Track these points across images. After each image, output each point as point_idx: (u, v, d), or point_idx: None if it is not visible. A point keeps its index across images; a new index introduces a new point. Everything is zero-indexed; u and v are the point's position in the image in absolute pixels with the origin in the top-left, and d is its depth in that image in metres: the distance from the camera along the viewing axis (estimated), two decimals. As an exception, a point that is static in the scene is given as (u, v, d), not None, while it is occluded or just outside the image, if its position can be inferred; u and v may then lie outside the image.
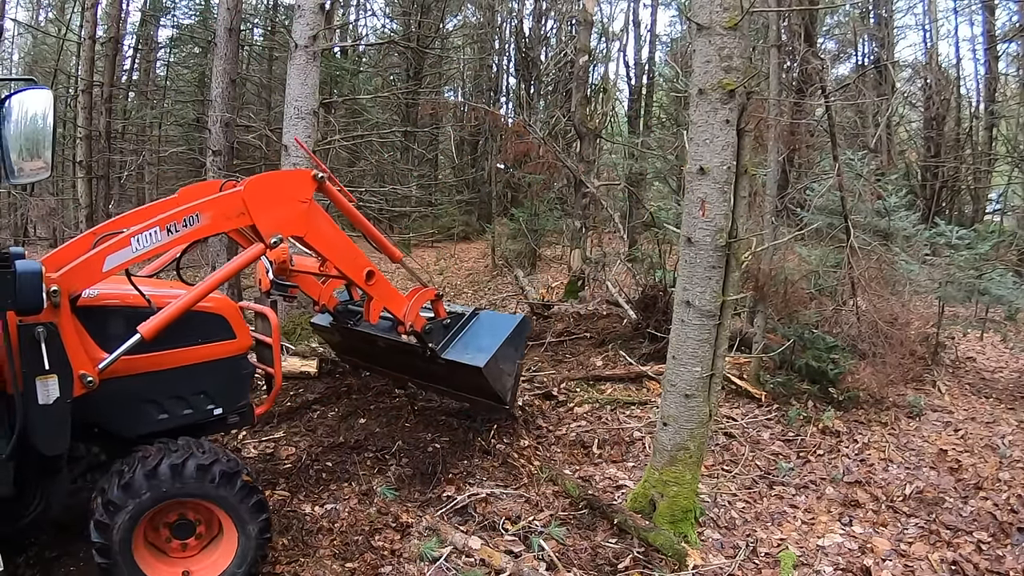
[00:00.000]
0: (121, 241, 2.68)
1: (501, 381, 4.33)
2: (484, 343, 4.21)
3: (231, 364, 3.35)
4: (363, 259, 3.68)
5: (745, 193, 3.53)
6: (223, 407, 3.31)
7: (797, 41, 7.82)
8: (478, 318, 4.44)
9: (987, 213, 16.43)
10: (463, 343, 4.28)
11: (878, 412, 5.68)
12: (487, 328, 4.35)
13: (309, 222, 3.36)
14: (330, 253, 3.56)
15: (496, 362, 4.16)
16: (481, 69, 23.01)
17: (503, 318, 4.53)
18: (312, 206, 3.38)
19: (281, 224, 3.21)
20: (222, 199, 3.04)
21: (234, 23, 9.85)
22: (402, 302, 3.95)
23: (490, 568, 3.29)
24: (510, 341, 4.29)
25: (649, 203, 12.94)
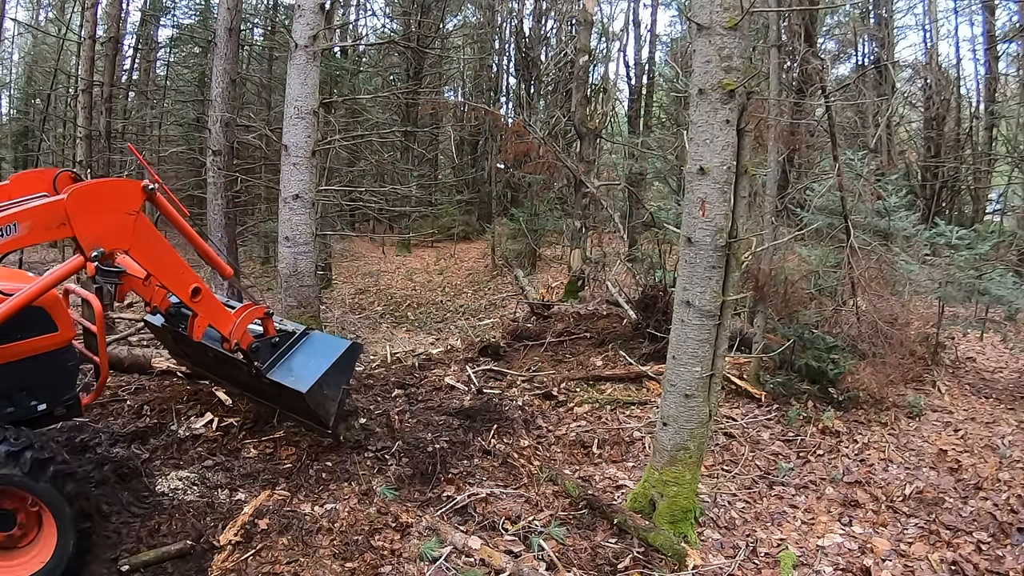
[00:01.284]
0: None
1: (324, 407, 4.14)
2: (311, 365, 4.04)
3: (54, 357, 3.25)
4: (189, 275, 3.54)
5: (745, 193, 3.53)
6: (47, 402, 3.23)
7: (797, 41, 7.81)
8: (309, 338, 4.23)
9: (987, 213, 16.43)
10: (289, 365, 4.09)
11: (878, 412, 5.68)
12: (316, 350, 4.16)
13: (135, 235, 3.18)
14: (155, 268, 3.40)
15: (320, 387, 3.99)
16: (481, 69, 23.02)
17: (333, 341, 4.31)
18: (140, 219, 3.20)
19: (104, 236, 3.05)
20: (42, 208, 2.85)
21: (234, 23, 9.85)
22: (229, 319, 3.79)
23: (490, 568, 3.28)
24: (337, 366, 4.08)
25: (649, 203, 12.95)
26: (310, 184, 8.26)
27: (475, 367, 6.85)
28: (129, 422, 4.80)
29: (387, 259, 19.35)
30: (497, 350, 7.59)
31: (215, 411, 5.09)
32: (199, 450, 4.43)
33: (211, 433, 4.73)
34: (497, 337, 8.48)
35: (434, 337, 9.84)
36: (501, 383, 6.50)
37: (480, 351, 7.63)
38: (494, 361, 7.26)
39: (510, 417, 5.31)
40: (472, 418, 5.19)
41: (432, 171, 23.16)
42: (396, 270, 18.12)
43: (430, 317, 11.59)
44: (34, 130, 19.40)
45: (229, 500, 3.80)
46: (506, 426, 5.11)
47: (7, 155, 19.99)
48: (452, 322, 11.18)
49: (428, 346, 8.58)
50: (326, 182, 13.18)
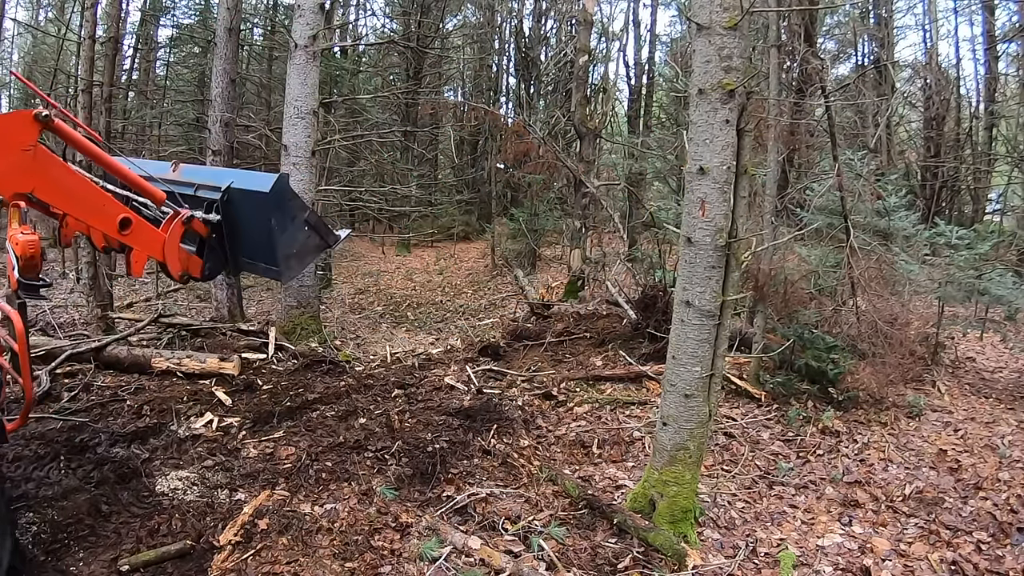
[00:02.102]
0: None
1: (306, 255, 3.78)
2: (263, 238, 3.55)
3: None
4: (113, 205, 3.08)
5: (745, 193, 3.53)
6: None
7: (797, 41, 7.82)
8: (233, 204, 3.57)
9: (987, 213, 16.43)
10: (247, 252, 3.66)
11: (878, 412, 5.68)
12: (251, 219, 3.57)
13: (37, 172, 2.73)
14: (70, 206, 2.93)
15: (290, 251, 3.59)
16: (481, 69, 23.02)
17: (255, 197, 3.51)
18: (39, 152, 2.74)
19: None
20: None
21: (234, 23, 9.84)
22: (160, 243, 3.30)
23: (490, 568, 3.29)
24: (282, 220, 3.52)
25: (649, 203, 12.96)
26: (310, 184, 8.27)
27: (475, 367, 6.85)
28: (129, 422, 4.81)
29: (387, 259, 19.36)
30: (497, 350, 7.59)
31: (215, 411, 5.10)
32: (199, 450, 4.43)
33: (211, 433, 4.73)
34: (497, 337, 8.48)
35: (434, 337, 9.84)
36: (501, 383, 6.50)
37: (480, 351, 7.63)
38: (494, 361, 7.26)
39: (510, 417, 5.31)
40: (472, 418, 5.19)
41: (432, 171, 23.16)
42: (396, 270, 18.12)
43: (430, 317, 11.59)
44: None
45: (229, 500, 3.81)
46: (506, 426, 5.11)
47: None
48: (452, 322, 11.18)
49: (428, 346, 8.58)
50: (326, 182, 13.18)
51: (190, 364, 6.00)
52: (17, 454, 4.11)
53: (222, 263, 3.67)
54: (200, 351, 6.55)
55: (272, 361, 6.72)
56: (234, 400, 5.49)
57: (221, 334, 7.47)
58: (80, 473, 3.94)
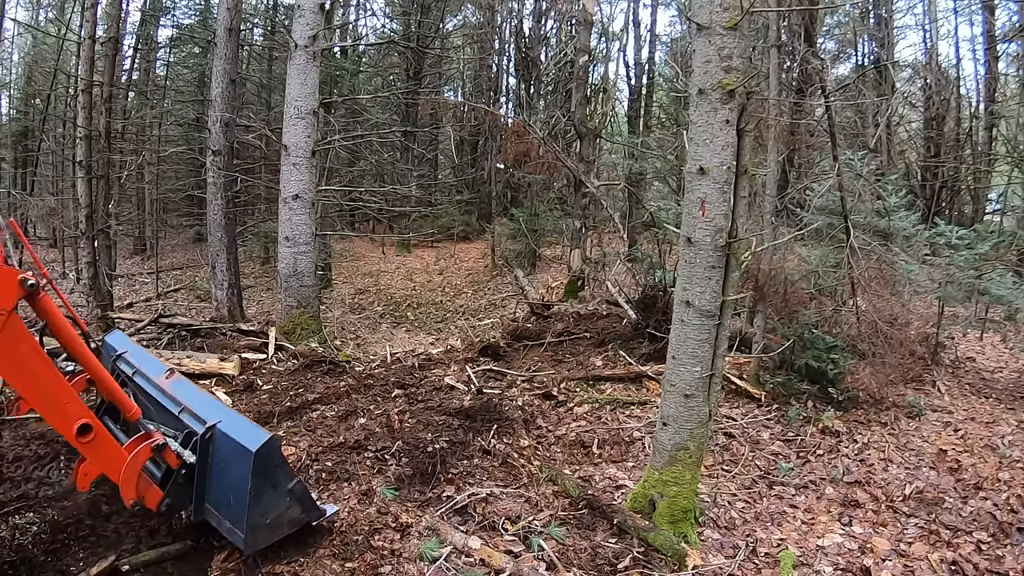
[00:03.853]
0: None
1: (279, 527, 3.24)
2: (235, 497, 3.09)
3: None
4: (76, 407, 2.65)
5: (745, 193, 3.53)
6: None
7: (797, 41, 7.81)
8: (213, 446, 3.15)
9: (987, 213, 16.43)
10: (214, 501, 3.19)
11: (878, 412, 5.68)
12: (227, 472, 3.12)
13: (2, 343, 2.37)
14: (28, 393, 2.54)
15: (261, 521, 3.11)
16: (481, 69, 23.01)
17: (238, 451, 3.03)
18: (11, 320, 2.35)
19: None
20: None
21: (234, 23, 9.85)
22: (120, 464, 2.87)
23: (490, 568, 3.29)
24: (260, 485, 3.03)
25: (649, 203, 12.95)
26: (310, 184, 8.27)
27: (475, 367, 6.85)
28: (129, 422, 4.80)
29: (387, 259, 19.36)
30: (497, 350, 7.59)
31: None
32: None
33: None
34: (497, 337, 8.48)
35: (434, 337, 9.85)
36: (501, 383, 6.50)
37: (480, 351, 7.63)
38: (494, 361, 7.26)
39: (510, 417, 5.31)
40: (472, 418, 5.19)
41: (432, 171, 23.17)
42: (396, 270, 18.12)
43: (430, 317, 11.60)
44: (34, 130, 19.40)
45: (229, 500, 3.80)
46: (506, 426, 5.11)
47: (7, 155, 19.99)
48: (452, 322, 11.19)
49: (428, 346, 8.59)
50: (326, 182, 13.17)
51: (190, 364, 6.00)
52: (17, 454, 4.11)
53: (184, 503, 3.19)
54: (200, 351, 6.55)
55: (272, 361, 6.72)
56: (234, 400, 5.49)
57: (221, 334, 7.48)
58: (80, 473, 3.93)
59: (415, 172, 19.55)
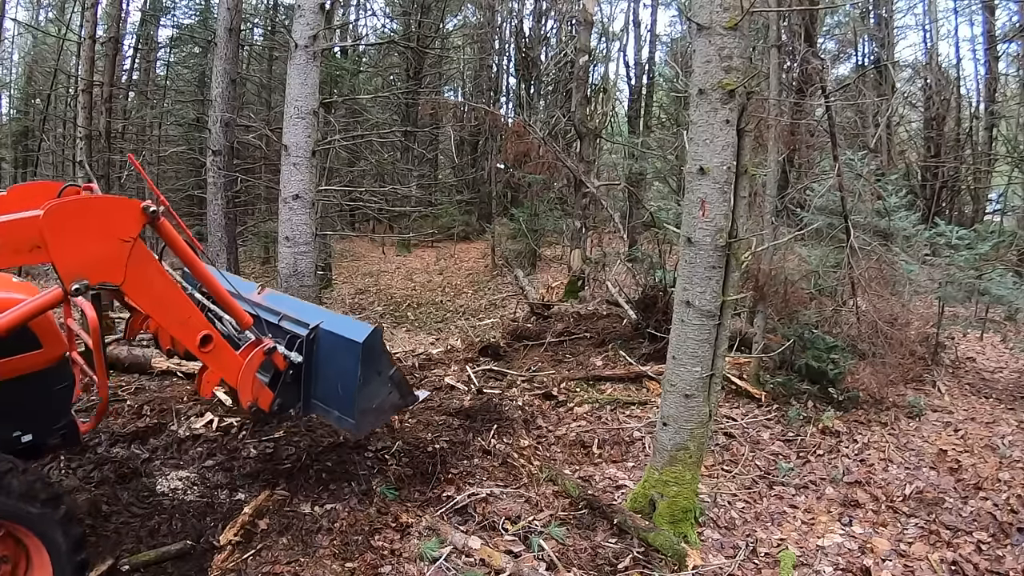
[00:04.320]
0: None
1: (383, 412, 3.73)
2: (343, 386, 3.43)
3: (38, 379, 2.82)
4: (197, 320, 2.92)
5: (745, 193, 3.53)
6: (33, 432, 2.79)
7: (797, 41, 7.81)
8: (318, 345, 3.50)
9: (987, 213, 16.43)
10: (321, 395, 3.53)
11: (878, 412, 5.68)
12: (334, 365, 3.48)
13: (131, 267, 2.55)
14: (155, 310, 2.78)
15: (369, 406, 3.48)
16: (481, 69, 23.02)
17: (345, 344, 3.41)
18: (137, 247, 2.58)
19: (89, 267, 2.44)
20: (12, 225, 2.31)
21: (234, 23, 9.85)
22: (237, 369, 3.15)
23: (490, 568, 3.29)
24: (367, 373, 3.41)
25: (649, 203, 12.95)
26: (310, 184, 8.27)
27: (475, 367, 6.85)
28: (129, 422, 4.80)
29: (387, 259, 19.36)
30: (497, 350, 7.58)
31: (215, 411, 5.09)
32: (199, 450, 4.43)
33: (211, 433, 4.73)
34: (497, 337, 8.48)
35: (434, 337, 9.85)
36: (501, 383, 6.50)
37: (480, 351, 7.63)
38: (494, 361, 7.26)
39: (510, 417, 5.31)
40: (472, 418, 5.19)
41: (432, 171, 23.17)
42: (396, 270, 18.12)
43: (430, 317, 11.60)
44: (34, 130, 19.40)
45: (229, 500, 3.80)
46: (506, 426, 5.11)
47: (7, 155, 19.99)
48: (452, 322, 11.19)
49: (428, 346, 8.59)
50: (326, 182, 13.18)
51: (190, 364, 5.99)
52: (17, 454, 4.10)
53: (294, 400, 3.54)
54: (200, 351, 6.53)
55: (272, 361, 6.71)
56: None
57: (221, 334, 7.47)
58: (80, 473, 3.94)
59: (415, 172, 19.55)
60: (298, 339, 3.47)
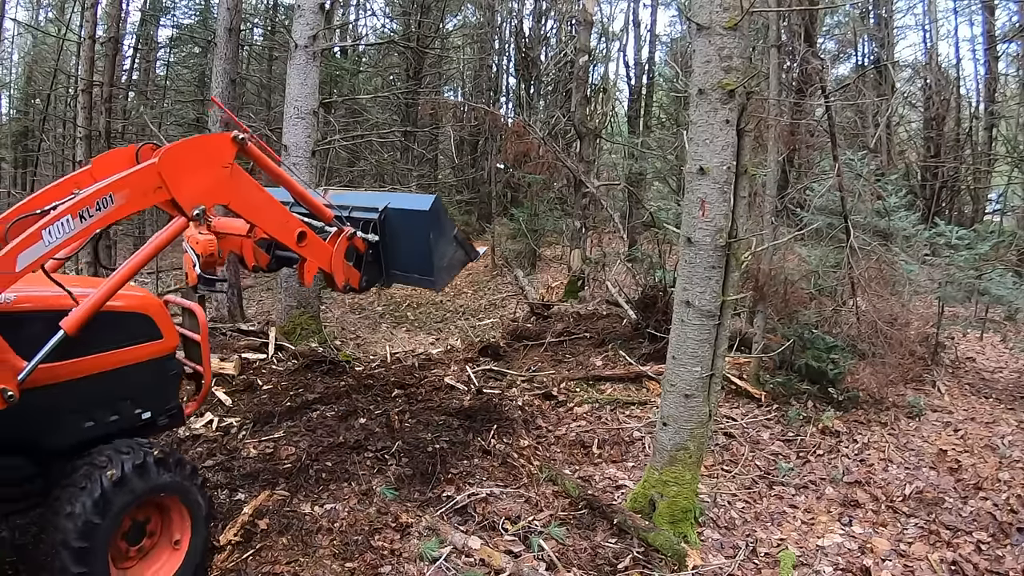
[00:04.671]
0: (32, 236, 2.42)
1: (453, 267, 4.34)
2: (416, 252, 4.02)
3: (158, 365, 3.17)
4: (293, 220, 3.49)
5: (745, 193, 3.53)
6: (151, 410, 3.15)
7: (797, 41, 7.82)
8: (389, 223, 4.04)
9: (987, 213, 16.43)
10: (400, 265, 4.13)
11: (878, 412, 5.68)
12: (406, 235, 4.04)
13: (233, 188, 3.12)
14: (258, 218, 3.34)
15: (442, 264, 4.09)
16: (481, 69, 23.01)
17: (413, 215, 3.98)
18: (235, 170, 3.12)
19: (202, 194, 2.95)
20: (136, 175, 2.75)
21: (234, 23, 9.84)
22: (328, 256, 3.75)
23: (490, 568, 3.29)
24: (436, 235, 3.98)
25: (649, 203, 12.95)
26: (310, 184, 8.25)
27: (475, 367, 6.85)
28: (129, 422, 4.79)
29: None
30: (497, 350, 7.59)
31: (215, 411, 5.10)
32: (199, 450, 4.43)
33: (211, 433, 4.73)
34: (497, 337, 8.48)
35: (434, 337, 9.85)
36: (501, 383, 6.50)
37: (480, 351, 7.63)
38: (494, 361, 7.26)
39: (510, 417, 5.32)
40: (472, 418, 5.19)
41: (432, 171, 23.14)
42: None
43: (430, 317, 11.59)
44: (34, 130, 19.38)
45: (229, 500, 3.81)
46: (506, 426, 5.11)
47: (7, 155, 19.98)
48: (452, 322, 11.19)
49: (428, 346, 8.59)
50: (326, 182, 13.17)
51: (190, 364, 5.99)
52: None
53: (377, 275, 4.14)
54: (200, 351, 6.53)
55: (272, 361, 6.72)
56: (234, 400, 5.49)
57: (221, 334, 7.47)
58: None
59: (415, 172, 19.54)
60: (371, 223, 4.00)
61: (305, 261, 3.71)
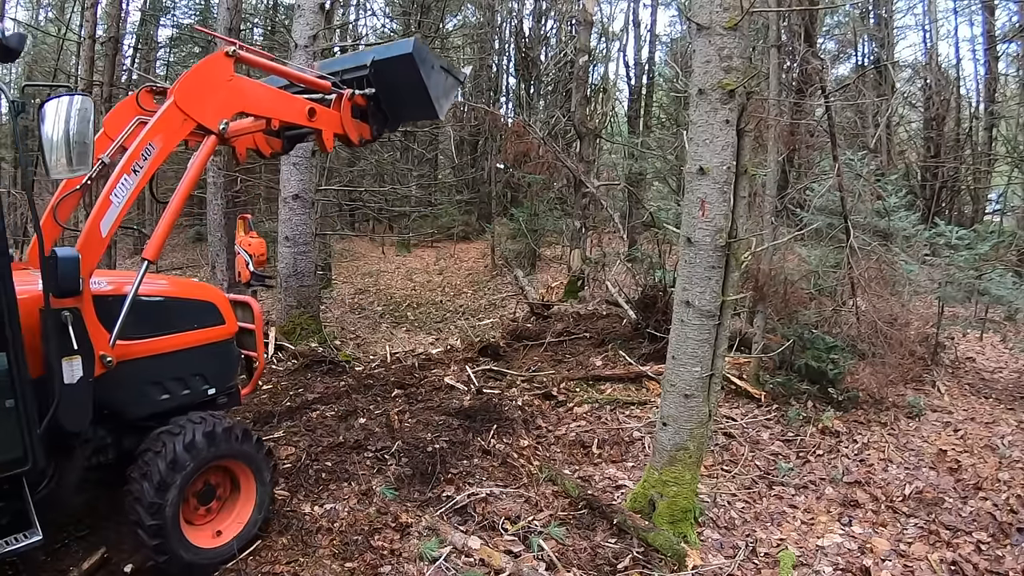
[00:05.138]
0: (103, 203, 2.83)
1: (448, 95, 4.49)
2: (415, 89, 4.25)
3: (222, 348, 3.58)
4: (299, 101, 3.84)
5: (745, 193, 3.53)
6: (216, 388, 3.53)
7: (797, 41, 7.82)
8: (380, 74, 4.29)
9: (987, 213, 16.42)
10: (402, 106, 4.41)
11: (878, 412, 5.68)
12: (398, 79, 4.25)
13: (241, 95, 3.48)
14: (271, 111, 3.70)
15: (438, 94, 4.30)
16: (481, 69, 23.00)
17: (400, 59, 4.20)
18: (236, 80, 3.46)
19: (220, 109, 3.34)
20: (162, 118, 3.12)
21: (234, 23, 9.84)
22: (338, 120, 4.12)
23: (490, 568, 3.28)
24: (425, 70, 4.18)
25: (649, 203, 12.95)
26: (310, 184, 8.27)
27: (475, 367, 6.85)
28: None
29: (387, 259, 19.35)
30: (497, 350, 7.59)
31: (215, 411, 5.08)
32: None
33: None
34: (497, 337, 8.48)
35: (434, 337, 9.84)
36: (501, 383, 6.50)
37: (480, 351, 7.63)
38: (494, 361, 7.26)
39: (510, 417, 5.31)
40: (472, 418, 5.19)
41: (432, 171, 23.14)
42: (396, 270, 18.11)
43: (430, 317, 11.59)
44: (34, 130, 19.38)
45: (229, 500, 3.80)
46: (506, 426, 5.11)
47: (7, 155, 19.98)
48: (452, 322, 11.18)
49: (428, 346, 8.58)
50: (326, 182, 13.17)
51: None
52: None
53: (383, 122, 4.46)
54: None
55: (272, 361, 6.72)
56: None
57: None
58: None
59: (415, 172, 19.54)
60: (363, 79, 4.27)
61: (321, 132, 4.05)
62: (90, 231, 2.79)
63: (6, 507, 2.61)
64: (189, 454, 2.96)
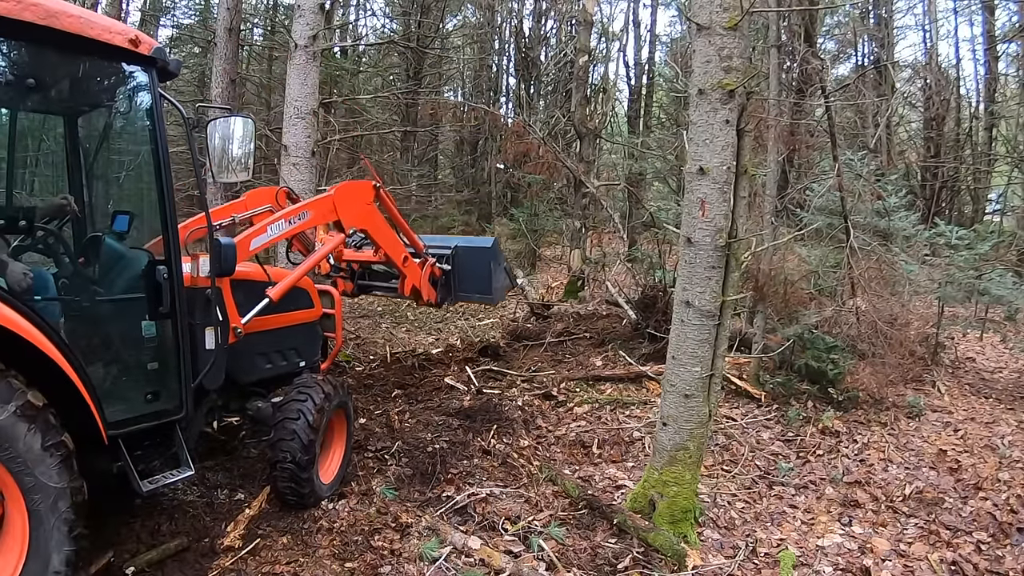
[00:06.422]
0: (260, 228, 3.70)
1: (503, 290, 6.14)
2: (479, 276, 5.69)
3: (312, 327, 4.28)
4: (401, 247, 4.96)
5: (745, 193, 3.53)
6: (304, 361, 4.17)
7: (797, 41, 7.82)
8: (458, 258, 5.72)
9: (987, 213, 16.42)
10: (465, 287, 5.75)
11: (878, 412, 5.68)
12: (471, 265, 5.71)
13: (372, 219, 4.58)
14: (384, 243, 4.74)
15: (498, 286, 5.84)
16: (481, 69, 23.00)
17: (480, 250, 5.85)
18: (375, 206, 4.54)
19: (356, 220, 4.39)
20: (320, 201, 4.19)
21: (234, 23, 9.84)
22: (419, 276, 5.30)
23: (490, 568, 3.28)
24: (494, 264, 5.74)
25: (649, 203, 12.94)
26: (310, 184, 8.25)
27: (475, 367, 6.85)
28: (129, 422, 4.80)
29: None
30: (497, 350, 7.58)
31: (215, 411, 5.08)
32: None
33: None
34: (497, 337, 8.48)
35: (434, 337, 9.82)
36: (501, 383, 6.50)
37: (480, 351, 7.62)
38: (494, 361, 7.26)
39: (510, 417, 5.31)
40: (472, 418, 5.19)
41: (432, 171, 23.13)
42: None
43: (430, 317, 11.56)
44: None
45: (229, 500, 3.80)
46: (506, 426, 5.11)
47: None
48: (452, 322, 11.16)
49: (428, 346, 8.57)
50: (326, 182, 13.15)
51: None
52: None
53: (447, 294, 5.73)
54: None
55: (272, 361, 6.71)
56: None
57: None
58: (80, 473, 3.94)
59: (415, 172, 19.53)
60: (444, 257, 5.66)
61: (405, 277, 5.13)
62: (242, 241, 3.48)
63: (165, 448, 3.11)
64: (329, 401, 3.67)
